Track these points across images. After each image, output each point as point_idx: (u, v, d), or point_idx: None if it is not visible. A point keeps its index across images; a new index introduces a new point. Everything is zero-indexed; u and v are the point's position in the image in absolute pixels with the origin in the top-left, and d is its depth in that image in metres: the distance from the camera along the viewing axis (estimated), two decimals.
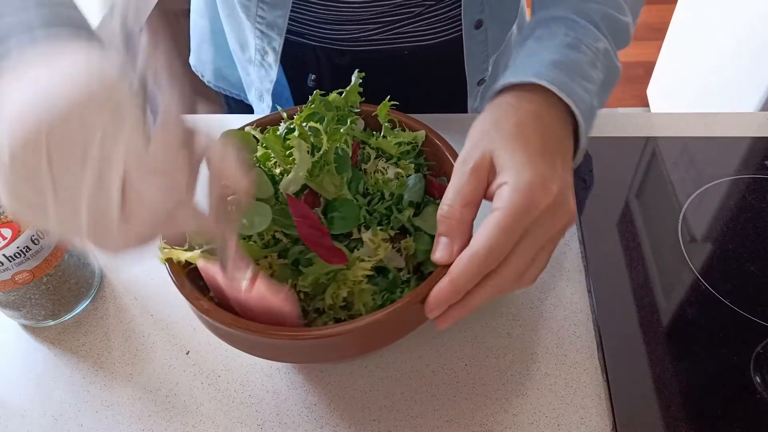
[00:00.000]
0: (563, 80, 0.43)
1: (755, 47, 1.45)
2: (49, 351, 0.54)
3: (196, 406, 0.49)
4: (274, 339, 0.39)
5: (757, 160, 0.64)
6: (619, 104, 2.20)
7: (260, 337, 0.39)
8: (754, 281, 0.54)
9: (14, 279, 0.49)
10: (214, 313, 0.40)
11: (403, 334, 0.43)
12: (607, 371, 0.49)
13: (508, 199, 0.38)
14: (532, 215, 0.37)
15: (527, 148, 0.40)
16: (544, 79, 0.42)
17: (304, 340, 0.39)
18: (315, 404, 0.49)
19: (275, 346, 0.41)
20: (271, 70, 0.69)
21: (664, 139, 0.67)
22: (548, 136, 0.42)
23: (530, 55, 0.46)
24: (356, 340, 0.41)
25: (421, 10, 0.67)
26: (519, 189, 0.38)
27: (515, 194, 0.38)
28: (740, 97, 1.52)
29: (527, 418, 0.47)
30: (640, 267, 0.55)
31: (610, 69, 0.48)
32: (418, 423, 0.47)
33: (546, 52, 0.45)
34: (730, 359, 0.49)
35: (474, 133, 0.43)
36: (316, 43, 0.71)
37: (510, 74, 0.45)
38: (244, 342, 0.42)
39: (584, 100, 0.44)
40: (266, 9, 0.64)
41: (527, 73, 0.43)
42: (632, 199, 0.62)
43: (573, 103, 0.43)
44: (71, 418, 0.49)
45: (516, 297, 0.55)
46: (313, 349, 0.41)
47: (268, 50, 0.68)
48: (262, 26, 0.66)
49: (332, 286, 0.42)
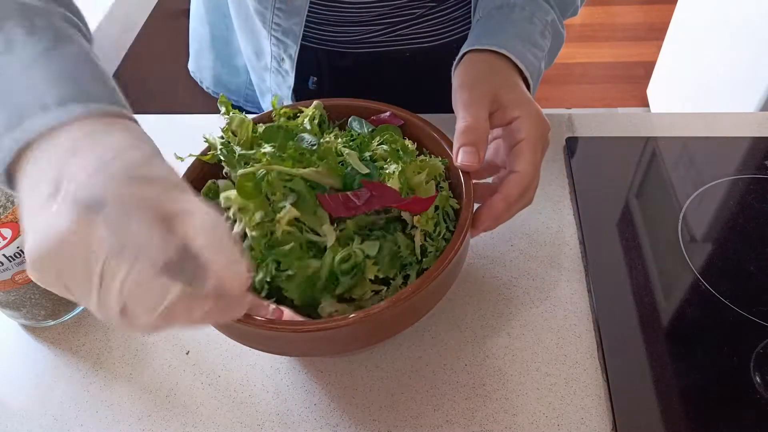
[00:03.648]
0: (519, 50, 0.52)
1: (755, 47, 1.45)
2: (49, 351, 0.54)
3: (196, 406, 0.49)
4: (275, 331, 0.39)
5: (757, 160, 0.64)
6: (619, 104, 2.20)
7: (260, 329, 0.39)
8: (754, 281, 0.54)
9: (14, 279, 0.49)
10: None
11: (405, 326, 0.43)
12: (607, 371, 0.49)
13: (529, 129, 0.46)
14: (545, 139, 0.48)
15: (521, 89, 0.49)
16: (504, 48, 0.51)
17: (305, 332, 0.39)
18: (315, 404, 0.49)
19: (276, 338, 0.41)
20: (288, 76, 0.70)
21: (664, 139, 0.67)
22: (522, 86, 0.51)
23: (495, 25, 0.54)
24: (359, 332, 0.41)
25: (422, 12, 0.67)
26: (534, 120, 0.46)
27: (533, 124, 0.46)
28: (740, 97, 1.52)
29: (527, 418, 0.47)
30: (640, 267, 0.55)
31: (556, 36, 0.57)
32: (418, 423, 0.47)
33: (506, 24, 0.54)
34: (730, 359, 0.49)
35: (466, 80, 0.49)
36: (317, 45, 0.71)
37: (479, 39, 0.53)
38: (246, 335, 0.42)
39: (533, 65, 0.53)
40: (282, 17, 0.64)
41: (492, 42, 0.52)
42: (632, 199, 0.62)
43: (525, 68, 0.51)
44: (71, 418, 0.49)
45: (516, 297, 0.55)
46: (316, 342, 0.41)
47: (285, 57, 0.68)
48: (278, 34, 0.66)
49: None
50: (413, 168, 0.46)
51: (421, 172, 0.46)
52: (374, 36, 0.69)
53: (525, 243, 0.59)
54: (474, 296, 0.55)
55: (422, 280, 0.40)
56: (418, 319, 0.43)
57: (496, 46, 0.51)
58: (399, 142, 0.48)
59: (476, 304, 0.54)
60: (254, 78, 0.78)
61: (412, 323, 0.43)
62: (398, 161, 0.46)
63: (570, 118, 0.71)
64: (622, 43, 2.43)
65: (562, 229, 0.60)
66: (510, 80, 0.50)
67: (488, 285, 0.56)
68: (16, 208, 0.47)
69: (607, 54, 2.39)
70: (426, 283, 0.40)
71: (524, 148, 0.46)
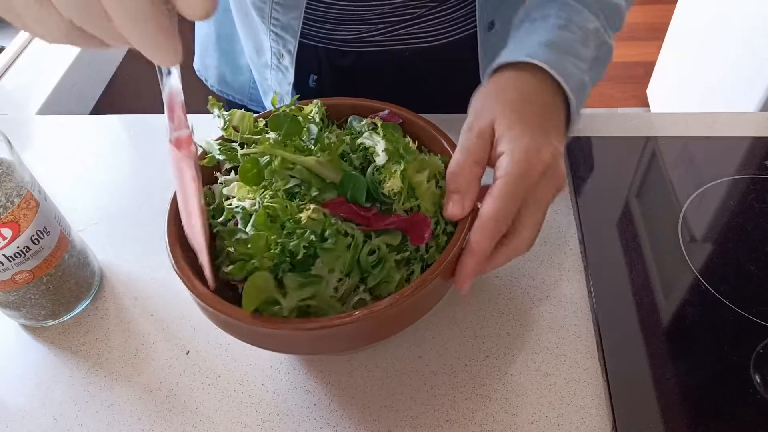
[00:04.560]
0: (554, 59, 0.46)
1: (755, 47, 1.45)
2: (49, 351, 0.54)
3: (196, 406, 0.49)
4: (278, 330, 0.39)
5: (757, 160, 0.64)
6: (619, 104, 2.20)
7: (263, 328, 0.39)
8: (754, 281, 0.54)
9: (14, 279, 0.49)
10: (213, 299, 0.40)
11: (408, 323, 0.43)
12: (607, 371, 0.49)
13: (508, 167, 0.41)
14: (531, 180, 0.42)
15: (524, 120, 0.44)
16: (537, 58, 0.46)
17: (305, 330, 0.39)
18: (315, 404, 0.49)
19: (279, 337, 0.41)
20: (288, 72, 0.70)
21: (664, 139, 0.67)
22: (543, 110, 0.45)
23: (526, 36, 0.50)
24: (363, 329, 0.40)
25: (422, 12, 0.67)
26: (517, 157, 0.42)
27: (514, 162, 0.41)
28: (740, 97, 1.52)
29: (527, 418, 0.47)
30: (640, 267, 0.55)
31: (601, 47, 0.51)
32: (418, 423, 0.47)
33: (539, 33, 0.49)
34: (730, 359, 0.49)
35: (476, 104, 0.47)
36: (318, 43, 0.71)
37: (507, 54, 0.49)
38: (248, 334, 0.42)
39: (574, 76, 0.47)
40: (280, 11, 0.64)
41: (522, 53, 0.47)
42: (632, 199, 0.62)
43: (563, 80, 0.46)
44: (71, 418, 0.49)
45: (516, 297, 0.55)
46: (319, 340, 0.41)
47: (284, 53, 0.68)
48: (276, 29, 0.66)
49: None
50: (414, 167, 0.46)
51: (421, 171, 0.46)
52: (374, 35, 0.69)
53: None
54: (474, 296, 0.55)
55: (425, 276, 0.40)
56: (422, 315, 0.43)
57: (528, 57, 0.46)
58: (400, 141, 0.48)
59: (476, 304, 0.54)
60: (257, 76, 0.78)
61: (416, 320, 0.43)
62: (400, 160, 0.46)
63: None
64: (622, 43, 2.43)
65: (562, 229, 0.60)
66: (520, 108, 0.44)
67: (488, 285, 0.56)
68: (16, 208, 0.47)
69: None
70: (429, 280, 0.40)
71: (494, 190, 0.42)
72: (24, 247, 0.48)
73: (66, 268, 0.53)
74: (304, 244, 0.40)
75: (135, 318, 0.55)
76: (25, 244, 0.48)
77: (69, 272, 0.53)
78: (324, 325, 0.39)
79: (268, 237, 0.41)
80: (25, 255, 0.49)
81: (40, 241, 0.49)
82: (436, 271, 0.41)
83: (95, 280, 0.57)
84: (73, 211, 0.57)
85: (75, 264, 0.54)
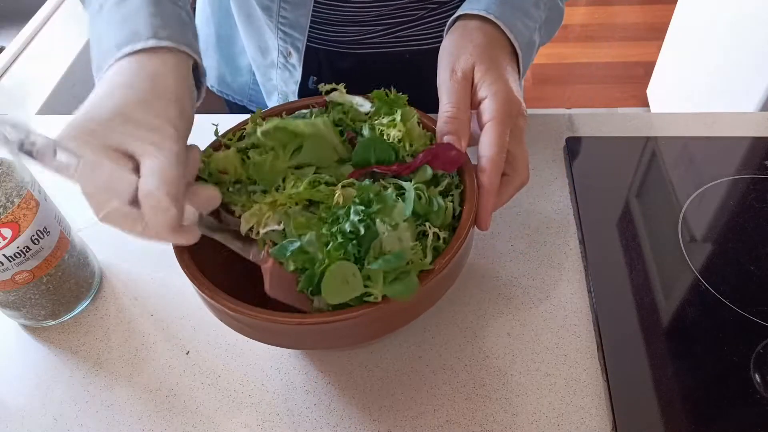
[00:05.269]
0: (507, 16, 0.51)
1: (755, 47, 1.45)
2: (49, 351, 0.54)
3: (196, 406, 0.49)
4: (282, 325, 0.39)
5: (757, 160, 0.64)
6: (619, 104, 2.20)
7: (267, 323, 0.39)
8: (754, 281, 0.54)
9: (14, 279, 0.49)
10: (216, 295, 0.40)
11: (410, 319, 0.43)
12: (607, 371, 0.49)
13: (495, 111, 0.46)
14: (512, 119, 0.47)
15: (495, 63, 0.48)
16: (492, 14, 0.51)
17: (307, 325, 0.39)
18: (315, 404, 0.49)
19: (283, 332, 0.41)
20: (295, 71, 0.70)
21: (664, 139, 0.67)
22: (506, 56, 0.51)
23: None
24: (367, 325, 0.40)
25: (422, 14, 0.67)
26: (501, 99, 0.47)
27: (499, 105, 0.46)
28: (740, 97, 1.52)
29: (527, 418, 0.47)
30: (640, 267, 0.55)
31: (552, 9, 0.57)
32: (418, 423, 0.47)
33: None
34: (730, 359, 0.49)
35: (449, 48, 0.50)
36: (317, 45, 0.71)
37: (466, 6, 0.52)
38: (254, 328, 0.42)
39: (523, 34, 0.52)
40: (289, 9, 0.64)
41: (480, 6, 0.51)
42: (632, 199, 0.62)
43: (513, 37, 0.51)
44: (71, 418, 0.49)
45: (516, 297, 0.55)
46: (324, 334, 0.41)
47: (292, 51, 0.68)
48: (285, 27, 0.66)
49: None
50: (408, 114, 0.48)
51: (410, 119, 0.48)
52: (374, 37, 0.69)
53: (525, 243, 0.59)
54: (474, 296, 0.55)
55: (436, 263, 0.40)
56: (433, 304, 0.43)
57: (485, 12, 0.51)
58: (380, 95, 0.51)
59: (476, 304, 0.54)
60: (259, 77, 0.78)
61: (425, 310, 0.43)
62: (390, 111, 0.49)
63: (570, 118, 0.71)
64: (622, 43, 2.43)
65: (562, 230, 0.60)
66: (489, 53, 0.49)
67: (488, 285, 0.56)
68: (16, 208, 0.47)
69: (607, 54, 2.39)
70: (440, 270, 0.40)
71: (487, 131, 0.46)
72: (24, 247, 0.48)
73: (66, 268, 0.53)
74: (357, 218, 0.40)
75: (135, 318, 0.55)
76: (25, 244, 0.48)
77: (69, 272, 0.53)
78: (328, 320, 0.39)
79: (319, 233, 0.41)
80: (25, 255, 0.49)
81: (40, 241, 0.49)
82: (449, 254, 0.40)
83: (95, 280, 0.57)
84: (73, 211, 0.57)
85: (75, 264, 0.54)
